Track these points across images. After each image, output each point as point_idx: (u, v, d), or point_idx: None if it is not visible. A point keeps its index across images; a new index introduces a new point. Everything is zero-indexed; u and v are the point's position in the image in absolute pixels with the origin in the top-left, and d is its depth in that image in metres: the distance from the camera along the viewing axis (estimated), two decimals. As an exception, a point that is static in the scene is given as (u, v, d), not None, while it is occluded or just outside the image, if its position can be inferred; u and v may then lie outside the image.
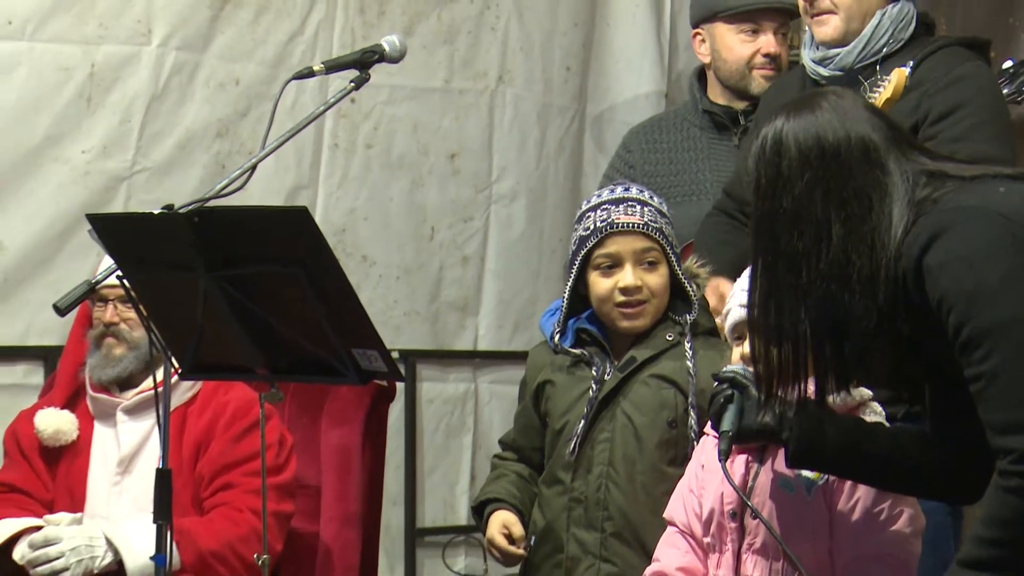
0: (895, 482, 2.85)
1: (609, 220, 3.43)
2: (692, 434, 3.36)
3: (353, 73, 3.34)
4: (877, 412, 2.99)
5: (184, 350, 3.11)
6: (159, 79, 4.58)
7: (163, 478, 3.09)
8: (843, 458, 2.78)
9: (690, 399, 3.39)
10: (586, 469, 3.43)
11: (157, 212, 2.99)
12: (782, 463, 2.89)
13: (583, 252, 3.45)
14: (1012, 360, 2.44)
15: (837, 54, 3.64)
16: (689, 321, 3.47)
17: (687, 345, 3.44)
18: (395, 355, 3.57)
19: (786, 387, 2.69)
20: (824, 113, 2.65)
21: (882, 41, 3.60)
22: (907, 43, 3.63)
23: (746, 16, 4.40)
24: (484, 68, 5.16)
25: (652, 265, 3.44)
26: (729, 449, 2.86)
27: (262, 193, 4.56)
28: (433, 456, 5.14)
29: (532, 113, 5.25)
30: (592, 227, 3.44)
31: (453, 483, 5.18)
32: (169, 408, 3.19)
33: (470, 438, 5.20)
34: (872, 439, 2.79)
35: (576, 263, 3.46)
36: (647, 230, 3.42)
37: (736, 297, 3.03)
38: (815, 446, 2.77)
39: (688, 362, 3.41)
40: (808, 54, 3.72)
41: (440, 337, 5.14)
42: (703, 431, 3.24)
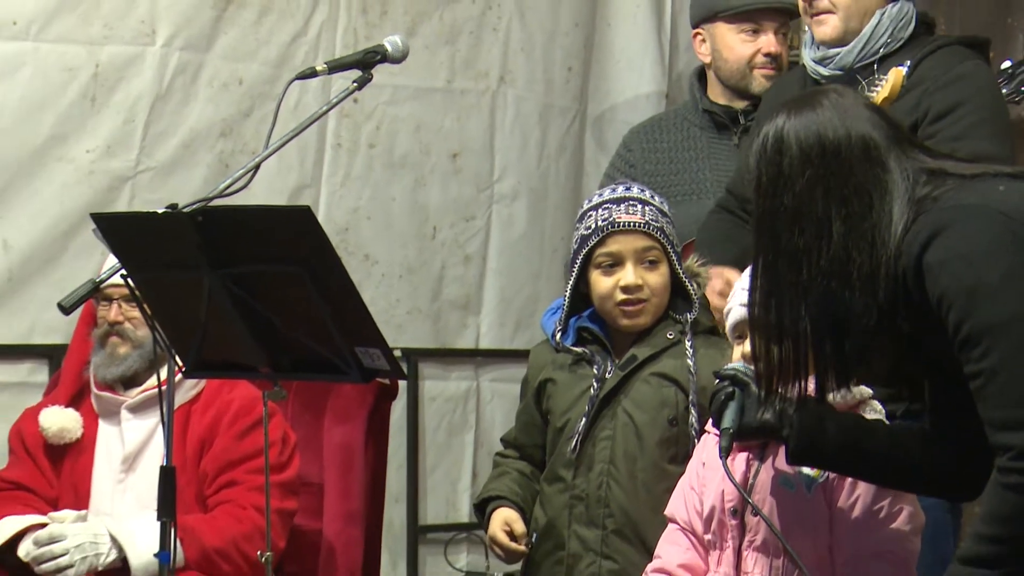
0: (895, 479, 2.84)
1: (610, 219, 3.43)
2: (693, 432, 3.35)
3: (356, 73, 3.34)
4: (877, 410, 2.98)
5: (188, 348, 3.11)
6: (163, 79, 4.58)
7: (167, 475, 3.09)
8: (843, 455, 2.78)
9: (691, 397, 3.39)
10: (587, 467, 3.43)
11: (161, 211, 2.99)
12: (783, 461, 2.88)
13: (584, 251, 3.44)
14: (1012, 357, 2.43)
15: (837, 54, 3.64)
16: (690, 320, 3.46)
17: (688, 343, 3.44)
18: (397, 353, 3.55)
19: (787, 385, 2.69)
20: (825, 111, 2.65)
21: (882, 40, 3.60)
22: (907, 42, 3.62)
23: (747, 16, 4.39)
24: (486, 68, 5.16)
25: (653, 264, 3.44)
26: (730, 446, 2.85)
27: (265, 192, 4.56)
28: (435, 454, 5.14)
29: (533, 113, 5.25)
30: (594, 226, 3.43)
31: (455, 481, 5.18)
32: (173, 406, 3.18)
33: (472, 436, 5.20)
34: (872, 437, 2.79)
35: (577, 262, 3.46)
36: (648, 229, 3.42)
37: (737, 296, 3.02)
38: (815, 443, 2.77)
39: (689, 360, 3.41)
40: (808, 54, 3.72)
41: (442, 336, 5.14)
42: (704, 429, 3.24)
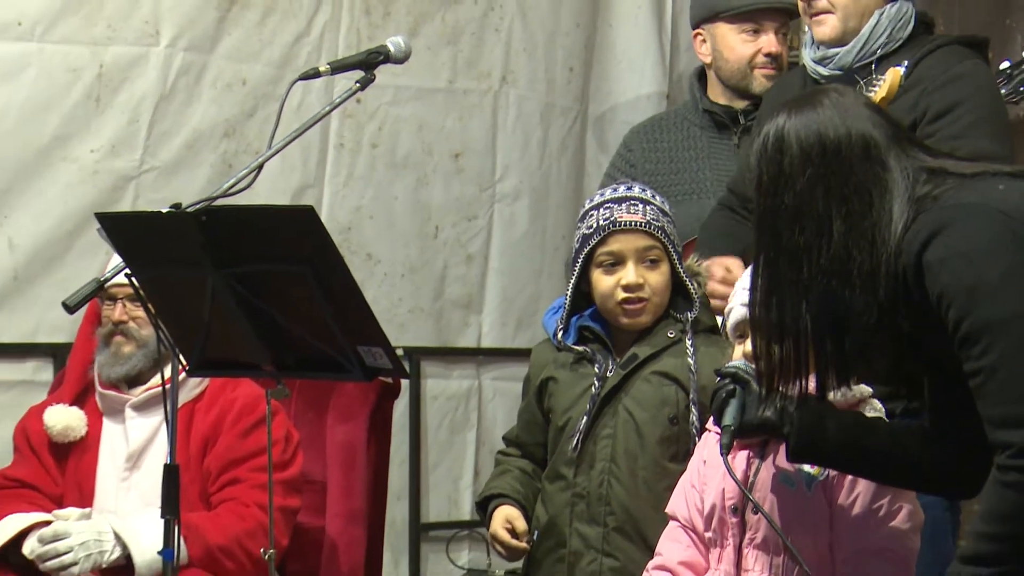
0: (895, 477, 2.84)
1: (612, 218, 3.42)
2: (693, 430, 3.35)
3: (358, 74, 3.33)
4: (877, 408, 2.98)
5: (192, 347, 3.11)
6: (167, 80, 4.58)
7: (171, 473, 3.09)
8: (843, 453, 2.78)
9: (691, 395, 3.38)
10: (588, 465, 3.43)
11: (165, 211, 2.99)
12: (783, 459, 2.88)
13: (586, 250, 3.44)
14: (1011, 355, 2.43)
15: (836, 53, 3.63)
16: (690, 319, 3.46)
17: (688, 342, 3.43)
18: (400, 352, 3.56)
19: (787, 383, 2.69)
20: (825, 110, 2.64)
21: (880, 40, 3.59)
22: (906, 42, 3.61)
23: (747, 16, 4.39)
24: (488, 69, 5.16)
25: (654, 263, 3.43)
26: (731, 443, 2.85)
27: (269, 192, 4.56)
28: (437, 452, 5.14)
29: (535, 113, 5.25)
30: (595, 225, 3.43)
31: (457, 478, 5.18)
32: (177, 404, 3.18)
33: (473, 434, 5.21)
34: (872, 434, 2.78)
35: (579, 261, 3.46)
36: (649, 228, 3.42)
37: (738, 296, 3.02)
38: (816, 441, 2.77)
39: (689, 359, 3.40)
40: (808, 54, 3.72)
41: (444, 334, 5.14)
42: (704, 427, 3.24)
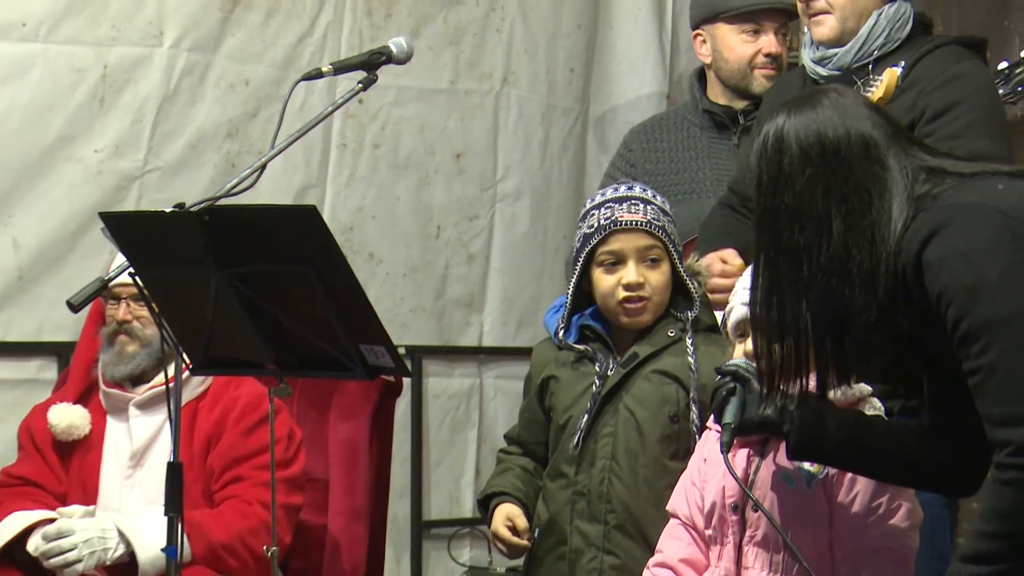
0: (894, 475, 2.84)
1: (613, 218, 3.42)
2: (694, 428, 3.34)
3: (361, 74, 3.33)
4: (876, 407, 2.97)
5: (195, 346, 3.11)
6: (170, 80, 4.57)
7: (174, 471, 3.09)
8: (843, 451, 2.77)
9: (691, 394, 3.38)
10: (589, 463, 3.42)
11: (168, 211, 2.99)
12: (783, 457, 2.88)
13: (587, 249, 3.44)
14: (1010, 354, 2.43)
15: (835, 54, 3.63)
16: (690, 318, 3.46)
17: (688, 341, 3.43)
18: (402, 351, 3.54)
19: (788, 382, 2.69)
20: (825, 110, 2.64)
21: (879, 41, 3.59)
22: (904, 42, 3.61)
23: (747, 16, 4.39)
24: (489, 69, 5.16)
25: (655, 262, 3.43)
26: (731, 441, 2.85)
27: (271, 192, 4.56)
28: (439, 450, 5.14)
29: (536, 114, 5.25)
30: (596, 225, 3.43)
31: (458, 476, 5.18)
32: (180, 403, 3.18)
33: (475, 432, 5.20)
34: (872, 433, 2.78)
35: (580, 260, 3.45)
36: (650, 228, 3.41)
37: (738, 295, 3.02)
38: (816, 439, 2.76)
39: (690, 358, 3.40)
40: (807, 54, 3.71)
41: (446, 333, 5.14)
42: (705, 425, 3.23)
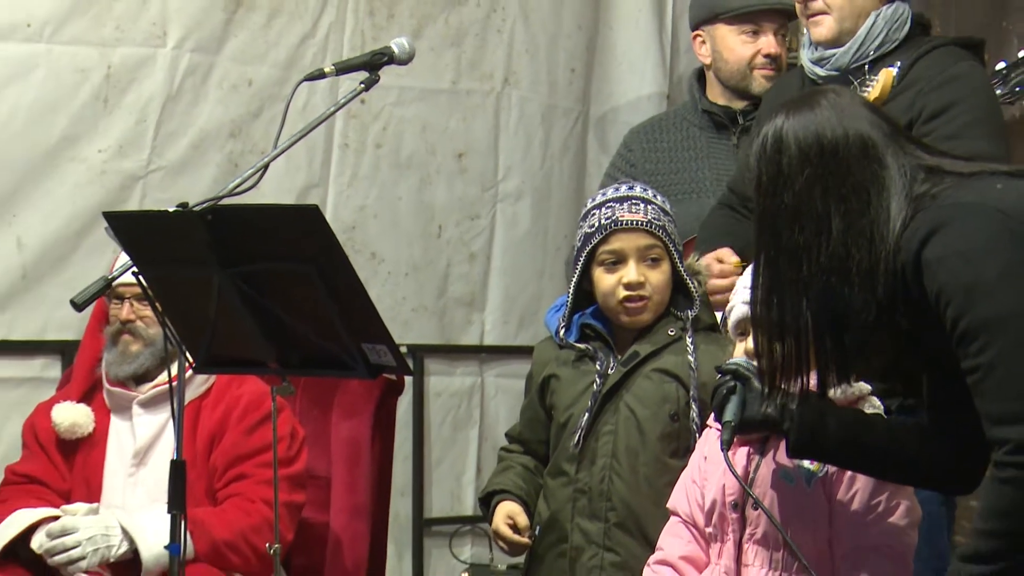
0: (894, 473, 2.84)
1: (614, 218, 3.42)
2: (694, 427, 3.34)
3: (363, 75, 3.33)
4: (876, 405, 2.97)
5: (198, 345, 3.11)
6: (174, 80, 4.57)
7: (177, 469, 3.09)
8: (843, 449, 2.77)
9: (692, 392, 3.38)
10: (590, 461, 3.42)
11: (172, 210, 2.98)
12: (783, 455, 2.88)
13: (588, 248, 3.43)
14: (1009, 352, 2.43)
15: (833, 54, 3.63)
16: (691, 317, 3.45)
17: (688, 340, 3.43)
18: (403, 350, 3.52)
19: (789, 380, 2.69)
20: (823, 111, 2.64)
21: (877, 42, 3.58)
22: (902, 43, 3.61)
23: (747, 17, 4.39)
24: (490, 70, 5.15)
25: (655, 262, 3.43)
26: (732, 439, 2.85)
27: (274, 192, 4.56)
28: (440, 448, 5.14)
29: (537, 114, 5.25)
30: (597, 224, 3.42)
31: (460, 474, 5.18)
32: (183, 401, 3.18)
33: (476, 431, 5.20)
34: (871, 431, 2.78)
35: (581, 259, 3.45)
36: (650, 228, 3.41)
37: (739, 294, 3.02)
38: (816, 437, 2.76)
39: (690, 356, 3.40)
40: (806, 54, 3.71)
41: (447, 332, 5.14)
42: (705, 424, 3.23)
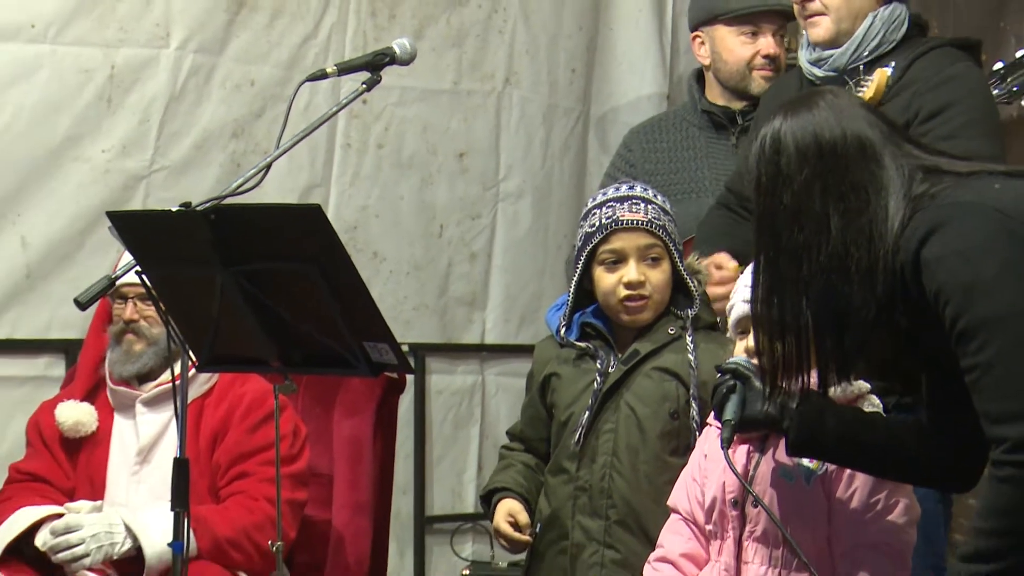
0: (893, 471, 2.84)
1: (614, 217, 3.42)
2: (694, 425, 3.34)
3: (365, 75, 3.33)
4: (875, 404, 2.97)
5: (201, 343, 3.10)
6: (177, 81, 4.57)
7: (180, 467, 3.09)
8: (842, 448, 2.77)
9: (692, 391, 3.38)
10: (591, 459, 3.42)
11: (175, 209, 2.98)
12: (783, 453, 2.88)
13: (589, 248, 3.43)
14: (1007, 351, 2.43)
15: (831, 55, 3.62)
16: (690, 315, 3.45)
17: (688, 339, 3.43)
18: (405, 348, 3.54)
19: (790, 379, 2.68)
20: (821, 112, 2.64)
21: (874, 43, 3.58)
22: (899, 44, 3.60)
23: (746, 18, 4.38)
24: (491, 70, 5.15)
25: (655, 261, 3.43)
26: (732, 438, 2.86)
27: (277, 191, 4.56)
28: (441, 446, 5.13)
29: (538, 114, 5.24)
30: (598, 224, 3.43)
31: (461, 472, 5.17)
32: (187, 400, 3.18)
33: (477, 429, 5.20)
34: (871, 430, 2.78)
35: (582, 258, 3.45)
36: (651, 227, 3.41)
37: (739, 292, 3.02)
38: (815, 435, 2.76)
39: (690, 355, 3.40)
40: (804, 55, 3.71)
41: (449, 331, 5.14)
42: (705, 422, 3.23)
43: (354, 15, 4.86)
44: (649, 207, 3.43)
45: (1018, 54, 4.06)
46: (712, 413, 3.02)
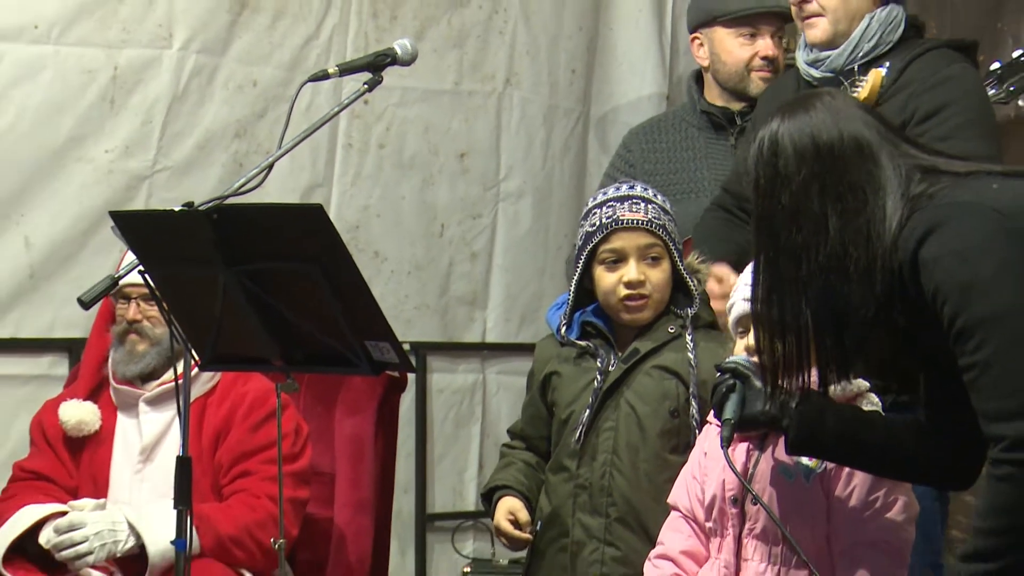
0: (891, 470, 2.84)
1: (615, 217, 3.42)
2: (693, 423, 3.34)
3: (366, 76, 3.33)
4: (874, 402, 2.97)
5: (204, 342, 3.10)
6: (179, 81, 4.57)
7: (183, 465, 3.09)
8: (842, 446, 2.77)
9: (691, 389, 3.37)
10: (591, 457, 3.42)
11: (177, 209, 2.98)
12: (782, 451, 2.88)
13: (589, 247, 3.43)
14: (1004, 350, 2.42)
15: (828, 56, 3.62)
16: (690, 314, 3.45)
17: (688, 337, 3.43)
18: (406, 347, 3.54)
19: (790, 377, 2.68)
20: (818, 113, 2.65)
21: (871, 44, 3.58)
22: (896, 45, 3.60)
23: (745, 20, 4.38)
24: (492, 71, 5.15)
25: (655, 260, 3.43)
26: (731, 436, 2.85)
27: (279, 191, 4.56)
28: (443, 444, 5.13)
29: (538, 114, 5.24)
30: (598, 223, 3.42)
31: (462, 470, 5.17)
32: (189, 399, 3.18)
33: (478, 427, 5.20)
34: (870, 428, 2.78)
35: (582, 258, 3.45)
36: (651, 227, 3.41)
37: (740, 291, 3.01)
38: (815, 434, 2.76)
39: (689, 353, 3.40)
40: (801, 56, 3.71)
41: (450, 330, 5.14)
42: (704, 420, 3.23)
43: (356, 16, 4.86)
44: (649, 207, 3.43)
45: (1015, 54, 4.06)
46: (712, 411, 3.02)
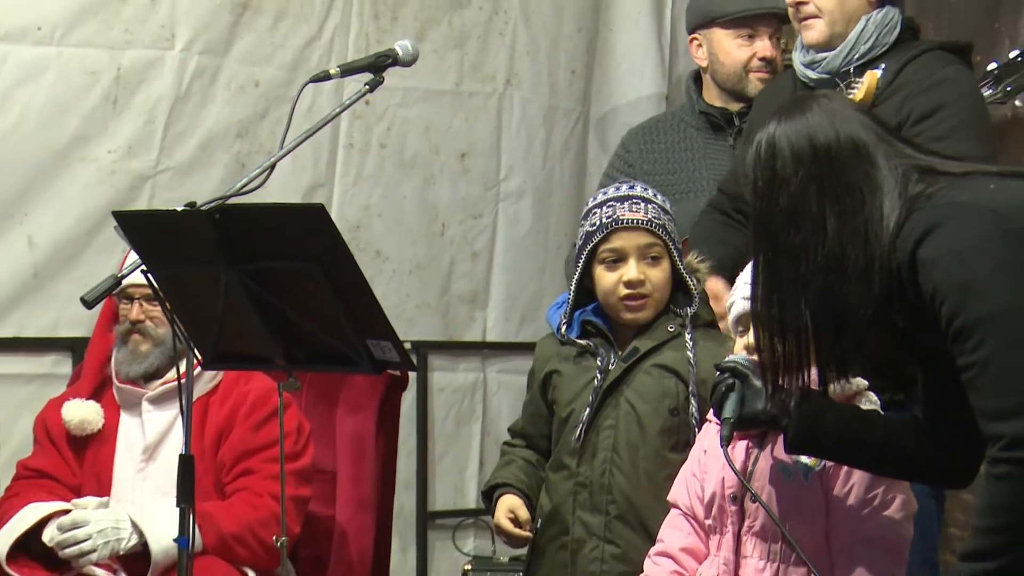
0: (890, 469, 2.83)
1: (615, 216, 3.42)
2: (693, 421, 3.34)
3: (367, 76, 3.33)
4: (873, 401, 2.97)
5: (206, 342, 3.10)
6: (182, 82, 4.57)
7: (186, 464, 3.08)
8: (841, 445, 2.77)
9: (691, 388, 3.37)
10: (591, 455, 3.42)
11: (180, 209, 2.98)
12: (781, 449, 2.88)
13: (589, 247, 3.43)
14: (1002, 349, 2.42)
15: (824, 58, 3.62)
16: (690, 313, 3.45)
17: (688, 336, 3.42)
18: (408, 346, 3.53)
19: (790, 377, 2.68)
20: (814, 115, 2.65)
21: (867, 45, 3.58)
22: (892, 47, 3.60)
23: (743, 22, 4.38)
24: (492, 71, 5.15)
25: (655, 260, 3.43)
26: (731, 435, 2.85)
27: (280, 191, 4.56)
28: (444, 443, 5.13)
29: (538, 115, 5.24)
30: (598, 223, 3.42)
31: (463, 468, 5.17)
32: (192, 398, 3.18)
33: (479, 425, 5.19)
34: (869, 427, 2.78)
35: (582, 257, 3.45)
36: (651, 227, 3.41)
37: (739, 290, 3.01)
38: (814, 433, 2.76)
39: (689, 352, 3.40)
40: (798, 58, 3.71)
41: (450, 329, 5.13)
42: (704, 418, 3.23)
43: (357, 17, 4.86)
44: (649, 206, 3.43)
45: (1012, 55, 4.07)
46: (711, 410, 3.02)
